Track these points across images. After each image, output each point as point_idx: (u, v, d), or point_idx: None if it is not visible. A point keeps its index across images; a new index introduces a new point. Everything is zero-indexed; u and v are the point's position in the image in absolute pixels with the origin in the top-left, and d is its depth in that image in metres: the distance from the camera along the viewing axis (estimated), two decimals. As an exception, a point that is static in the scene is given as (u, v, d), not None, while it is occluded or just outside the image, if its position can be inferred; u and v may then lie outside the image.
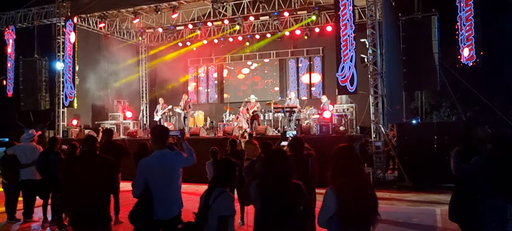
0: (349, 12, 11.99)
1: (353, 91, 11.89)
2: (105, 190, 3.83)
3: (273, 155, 3.21)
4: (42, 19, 16.84)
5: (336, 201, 2.88)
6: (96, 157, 3.94)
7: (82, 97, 16.82)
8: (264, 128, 12.80)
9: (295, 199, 3.01)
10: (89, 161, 3.89)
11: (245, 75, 19.29)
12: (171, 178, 3.78)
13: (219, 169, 3.31)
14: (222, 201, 3.14)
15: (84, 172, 3.84)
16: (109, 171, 3.83)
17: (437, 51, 10.98)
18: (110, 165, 3.87)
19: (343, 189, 2.90)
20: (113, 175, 3.86)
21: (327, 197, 2.96)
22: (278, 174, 3.02)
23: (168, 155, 3.83)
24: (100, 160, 3.91)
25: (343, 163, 3.00)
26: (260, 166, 3.16)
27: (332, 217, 2.91)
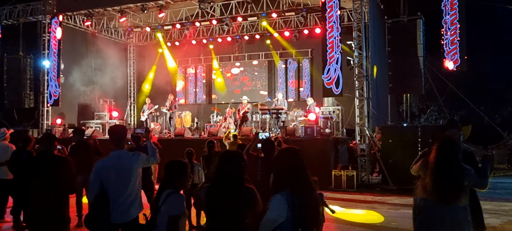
0: (335, 14, 11.92)
1: (338, 93, 11.82)
2: (60, 191, 3.68)
3: (223, 156, 3.08)
4: (28, 16, 16.63)
5: (289, 208, 2.71)
6: (51, 157, 3.79)
7: (68, 96, 16.61)
8: (249, 129, 12.70)
9: (245, 205, 2.89)
10: (43, 161, 3.75)
11: (233, 76, 19.17)
12: (128, 180, 3.64)
13: (167, 171, 3.19)
14: (171, 201, 3.03)
15: (37, 172, 3.69)
16: (65, 170, 3.68)
17: (422, 55, 10.96)
18: (66, 165, 3.72)
19: (297, 194, 2.76)
20: (70, 175, 3.70)
21: (277, 204, 2.74)
22: (227, 176, 2.91)
23: (124, 156, 3.70)
24: (56, 160, 3.76)
25: (292, 166, 2.85)
26: (213, 170, 3.05)
27: (280, 226, 2.73)
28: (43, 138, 4.04)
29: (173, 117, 15.32)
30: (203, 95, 19.81)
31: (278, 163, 3.00)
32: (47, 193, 3.57)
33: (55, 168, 3.67)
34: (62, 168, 3.68)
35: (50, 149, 3.82)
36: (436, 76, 14.08)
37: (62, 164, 3.71)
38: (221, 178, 2.93)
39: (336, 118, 13.37)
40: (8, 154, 7.25)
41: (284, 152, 3.02)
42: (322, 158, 10.66)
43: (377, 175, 12.83)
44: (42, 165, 3.70)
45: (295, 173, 2.82)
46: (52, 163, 3.69)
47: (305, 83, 17.90)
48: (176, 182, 3.15)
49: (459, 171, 3.42)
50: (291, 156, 2.90)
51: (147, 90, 19.59)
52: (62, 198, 3.68)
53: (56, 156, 3.82)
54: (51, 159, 3.73)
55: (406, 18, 11.34)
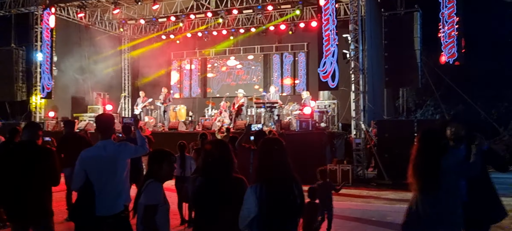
0: (332, 6, 11.79)
1: (334, 87, 11.71)
2: (43, 183, 3.52)
3: (208, 146, 2.92)
4: (20, 8, 16.36)
5: (257, 202, 2.59)
6: (33, 147, 3.62)
7: (61, 89, 16.40)
8: (243, 123, 12.56)
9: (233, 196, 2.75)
10: (24, 151, 3.57)
11: (229, 70, 19.00)
12: (114, 171, 3.49)
13: (150, 160, 3.04)
14: (148, 190, 2.92)
15: (17, 162, 3.52)
16: (48, 162, 3.51)
17: (419, 48, 10.83)
18: (48, 155, 3.56)
19: (265, 187, 2.61)
20: (53, 167, 3.53)
21: (247, 197, 2.64)
22: (214, 166, 2.78)
23: (110, 145, 3.54)
24: (38, 150, 3.59)
25: (268, 157, 2.71)
26: (200, 160, 2.90)
27: (252, 220, 2.61)
28: (26, 127, 3.81)
29: (167, 110, 15.15)
30: (198, 89, 19.63)
31: (256, 154, 2.89)
32: (29, 185, 3.41)
33: (38, 159, 3.50)
34: (45, 159, 3.51)
35: (33, 139, 3.64)
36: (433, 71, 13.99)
37: (45, 155, 3.55)
38: (208, 168, 2.79)
39: (332, 112, 13.25)
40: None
41: (263, 143, 2.88)
42: (317, 152, 10.54)
43: (372, 169, 12.74)
44: (24, 156, 3.53)
45: (270, 164, 2.68)
46: (35, 154, 3.52)
47: (300, 77, 17.77)
48: (158, 171, 3.01)
49: (433, 159, 3.28)
50: (269, 147, 2.76)
51: (141, 83, 19.38)
52: (44, 190, 3.52)
53: (39, 146, 3.65)
54: (34, 149, 3.56)
55: (403, 11, 11.20)
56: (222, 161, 2.80)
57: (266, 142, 2.84)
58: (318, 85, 12.11)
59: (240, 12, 15.90)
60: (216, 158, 2.78)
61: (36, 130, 3.77)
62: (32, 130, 3.74)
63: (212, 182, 2.74)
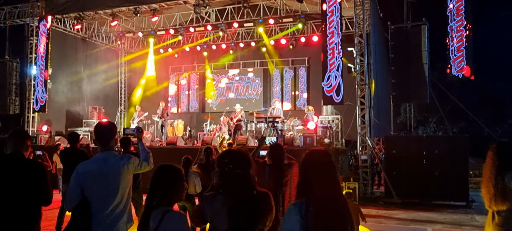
0: (336, 19, 11.49)
1: (339, 101, 11.33)
2: (31, 201, 3.01)
3: (226, 156, 2.50)
4: (15, 19, 15.98)
5: (301, 222, 2.21)
6: (20, 161, 3.10)
7: (56, 102, 15.93)
8: (245, 138, 12.13)
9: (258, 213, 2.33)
10: (10, 166, 3.07)
11: (228, 85, 18.63)
12: (115, 188, 3.02)
13: (158, 179, 2.54)
14: (172, 223, 2.40)
15: (1, 179, 3.02)
16: (37, 177, 3.02)
17: (427, 62, 10.53)
18: (38, 171, 3.06)
19: (312, 206, 2.23)
20: (43, 183, 3.04)
21: (289, 216, 2.28)
22: (234, 180, 2.35)
23: (111, 158, 3.08)
24: (25, 164, 3.11)
25: (316, 171, 2.32)
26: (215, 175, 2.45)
27: None
28: (11, 137, 3.23)
29: (165, 125, 14.69)
30: (196, 103, 19.22)
31: (300, 168, 2.47)
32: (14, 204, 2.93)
33: (26, 175, 3.01)
34: (35, 175, 3.03)
35: (20, 151, 3.17)
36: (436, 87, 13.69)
37: (34, 170, 3.06)
38: (230, 184, 2.36)
39: (336, 127, 12.85)
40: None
41: (308, 155, 2.47)
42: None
43: (377, 187, 12.32)
44: (9, 171, 3.03)
45: (316, 178, 2.28)
46: (22, 169, 3.03)
47: (301, 92, 17.42)
48: (169, 194, 2.52)
49: None
50: (315, 159, 2.36)
51: (138, 97, 18.97)
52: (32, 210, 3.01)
53: (27, 160, 3.16)
54: (20, 164, 3.07)
55: (410, 24, 10.93)
56: (245, 175, 2.39)
57: (315, 154, 2.43)
58: (323, 99, 11.73)
59: (241, 25, 15.60)
60: (238, 172, 2.35)
61: (24, 139, 3.23)
62: (18, 139, 3.21)
63: (235, 200, 2.31)
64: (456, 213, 8.96)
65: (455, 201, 9.76)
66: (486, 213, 3.68)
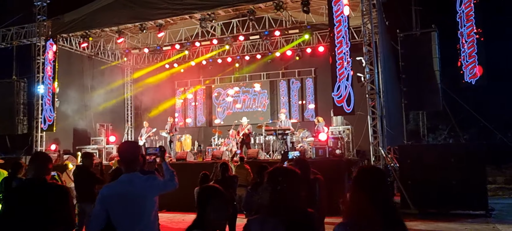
0: (344, 29, 11.42)
1: (350, 111, 11.20)
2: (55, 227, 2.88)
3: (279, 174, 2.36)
4: (22, 39, 16.04)
5: None
6: (43, 184, 2.99)
7: (63, 121, 15.87)
8: (255, 152, 12.00)
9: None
10: (33, 189, 2.94)
11: (234, 98, 18.55)
12: (141, 211, 2.91)
13: (199, 203, 2.42)
14: None
15: (22, 204, 2.88)
16: (62, 203, 2.88)
17: (438, 69, 10.41)
18: (63, 196, 2.93)
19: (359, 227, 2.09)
20: (68, 209, 2.92)
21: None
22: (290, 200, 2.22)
23: (136, 180, 2.96)
24: (49, 189, 2.98)
25: (372, 192, 2.18)
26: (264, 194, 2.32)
27: None
28: (33, 160, 3.11)
29: (174, 140, 14.59)
30: (203, 117, 19.13)
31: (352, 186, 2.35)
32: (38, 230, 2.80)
33: (49, 200, 2.87)
34: (58, 200, 2.90)
35: (41, 175, 3.03)
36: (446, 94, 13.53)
37: (58, 194, 2.92)
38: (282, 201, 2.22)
39: (347, 138, 12.70)
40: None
41: (363, 173, 2.35)
42: (336, 181, 9.93)
43: (390, 197, 12.10)
44: (32, 195, 2.91)
45: (366, 199, 2.15)
46: (45, 192, 2.90)
47: (309, 103, 17.30)
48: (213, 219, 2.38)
49: None
50: (367, 178, 2.22)
51: (145, 113, 18.92)
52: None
53: (50, 185, 3.03)
54: (43, 187, 2.95)
55: (419, 31, 10.84)
56: (300, 194, 2.27)
57: (368, 171, 2.30)
58: (333, 110, 11.61)
59: (247, 38, 15.57)
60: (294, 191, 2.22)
61: (46, 163, 3.09)
62: (40, 163, 3.06)
63: (291, 222, 2.17)
64: (477, 222, 8.75)
65: (473, 210, 9.54)
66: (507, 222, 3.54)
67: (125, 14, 13.99)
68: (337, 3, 11.51)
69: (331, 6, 11.58)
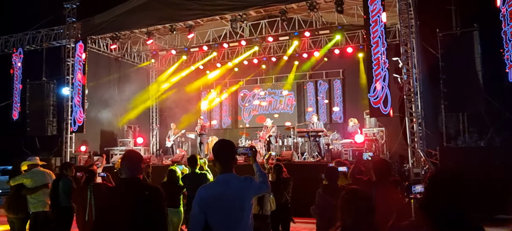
0: (380, 29, 11.20)
1: (387, 113, 10.96)
2: (149, 228, 2.74)
3: None
4: (51, 41, 16.20)
5: None
6: (139, 187, 2.84)
7: (90, 122, 15.94)
8: (289, 153, 11.85)
9: None
10: (127, 191, 2.80)
11: (260, 99, 18.42)
12: (239, 213, 2.78)
13: None
14: None
15: (118, 205, 2.75)
16: (158, 205, 2.74)
17: (480, 69, 10.12)
18: (159, 197, 2.78)
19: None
20: (163, 210, 2.79)
21: None
22: None
23: (234, 181, 2.84)
24: (146, 191, 2.83)
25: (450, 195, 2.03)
26: None
27: None
28: (126, 159, 2.96)
29: (204, 142, 14.52)
30: (228, 119, 19.05)
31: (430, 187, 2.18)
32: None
33: (145, 201, 2.73)
34: (154, 201, 2.76)
35: (135, 174, 2.86)
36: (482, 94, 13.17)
37: (153, 195, 2.79)
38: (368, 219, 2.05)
39: (381, 139, 12.47)
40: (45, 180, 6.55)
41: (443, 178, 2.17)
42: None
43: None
44: (128, 195, 2.79)
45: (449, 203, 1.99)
46: (142, 192, 2.77)
47: (337, 105, 17.07)
48: None
49: None
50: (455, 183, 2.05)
51: (171, 115, 18.90)
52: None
53: (145, 185, 2.91)
54: (139, 189, 2.81)
55: (459, 31, 10.57)
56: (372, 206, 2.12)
57: (450, 177, 2.12)
58: (369, 112, 11.40)
59: (276, 39, 15.42)
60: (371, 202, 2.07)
61: (139, 162, 2.93)
62: (134, 163, 2.88)
63: None
64: (524, 227, 8.43)
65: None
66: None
67: (155, 15, 14.00)
68: (373, 2, 11.31)
69: (367, 5, 11.38)
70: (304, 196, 7.85)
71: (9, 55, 16.67)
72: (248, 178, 2.92)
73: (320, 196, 4.34)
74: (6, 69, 16.63)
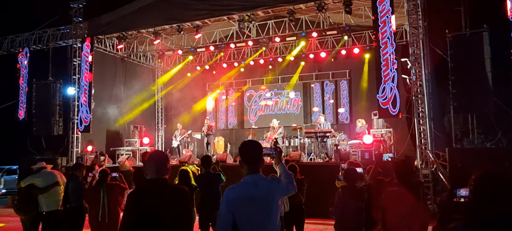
0: (389, 30, 11.18)
1: (396, 113, 10.93)
2: None
3: None
4: (58, 41, 16.21)
5: None
6: (167, 188, 2.84)
7: (96, 122, 15.93)
8: (298, 154, 11.83)
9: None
10: (155, 192, 2.76)
11: (266, 100, 18.40)
12: (267, 214, 2.75)
13: None
14: None
15: (147, 207, 2.69)
16: (185, 206, 2.70)
17: (490, 70, 10.08)
18: (186, 198, 2.74)
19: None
20: (189, 212, 2.77)
21: None
22: None
23: (261, 182, 2.80)
24: (173, 192, 2.78)
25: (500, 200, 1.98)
26: None
27: None
28: (153, 159, 2.93)
29: (211, 142, 14.50)
30: (234, 119, 19.03)
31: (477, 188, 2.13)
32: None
33: (174, 203, 2.70)
34: (182, 202, 2.73)
35: (163, 174, 2.82)
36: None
37: (181, 196, 2.76)
38: None
39: (389, 140, 12.44)
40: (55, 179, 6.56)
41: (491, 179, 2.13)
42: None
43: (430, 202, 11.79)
44: (156, 196, 2.77)
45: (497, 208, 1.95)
46: (170, 196, 2.73)
47: (343, 106, 17.04)
48: None
49: None
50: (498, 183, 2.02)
51: (177, 116, 18.89)
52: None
53: (171, 186, 2.88)
54: (167, 190, 2.78)
55: (468, 32, 10.53)
56: None
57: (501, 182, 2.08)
58: (378, 112, 11.38)
59: (283, 39, 15.40)
60: None
61: (166, 162, 2.89)
62: (161, 163, 2.84)
63: None
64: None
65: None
66: None
67: (162, 15, 13.99)
68: (382, 3, 11.29)
69: (376, 6, 11.36)
70: (314, 197, 7.86)
71: (15, 55, 16.69)
72: (275, 179, 2.91)
73: (339, 197, 4.32)
74: (13, 69, 16.65)
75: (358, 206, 4.14)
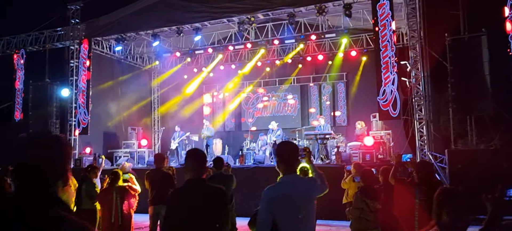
0: (389, 33, 11.35)
1: (396, 116, 11.10)
2: None
3: None
4: (55, 42, 16.10)
5: None
6: (205, 189, 2.86)
7: (94, 124, 15.83)
8: (299, 156, 11.89)
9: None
10: (194, 192, 2.79)
11: (263, 102, 18.46)
12: (307, 213, 2.81)
13: None
14: None
15: (187, 208, 2.75)
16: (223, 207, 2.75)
17: (488, 73, 10.29)
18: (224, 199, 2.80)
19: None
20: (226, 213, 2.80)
21: None
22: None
23: (299, 181, 2.87)
24: (212, 192, 2.81)
25: None
26: None
27: None
28: (192, 158, 2.93)
29: (210, 144, 14.51)
30: (231, 122, 19.04)
31: None
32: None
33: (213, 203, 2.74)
34: (220, 203, 2.78)
35: (201, 174, 2.87)
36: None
37: (219, 197, 2.80)
38: None
39: (388, 142, 12.59)
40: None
41: None
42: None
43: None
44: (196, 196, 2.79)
45: None
46: (209, 196, 2.76)
47: (341, 108, 17.18)
48: None
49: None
50: None
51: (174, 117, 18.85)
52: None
53: (209, 187, 2.92)
54: (206, 190, 2.82)
55: (467, 35, 10.73)
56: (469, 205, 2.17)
57: None
58: (378, 115, 11.53)
59: (281, 42, 15.50)
60: None
61: (204, 163, 2.95)
62: (199, 163, 2.88)
63: None
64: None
65: (529, 216, 9.36)
66: None
67: (162, 17, 13.99)
68: (382, 6, 11.46)
69: (375, 9, 11.52)
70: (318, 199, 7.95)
71: (11, 56, 16.53)
72: (312, 179, 2.97)
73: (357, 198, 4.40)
74: (9, 70, 16.49)
75: (375, 206, 4.22)
